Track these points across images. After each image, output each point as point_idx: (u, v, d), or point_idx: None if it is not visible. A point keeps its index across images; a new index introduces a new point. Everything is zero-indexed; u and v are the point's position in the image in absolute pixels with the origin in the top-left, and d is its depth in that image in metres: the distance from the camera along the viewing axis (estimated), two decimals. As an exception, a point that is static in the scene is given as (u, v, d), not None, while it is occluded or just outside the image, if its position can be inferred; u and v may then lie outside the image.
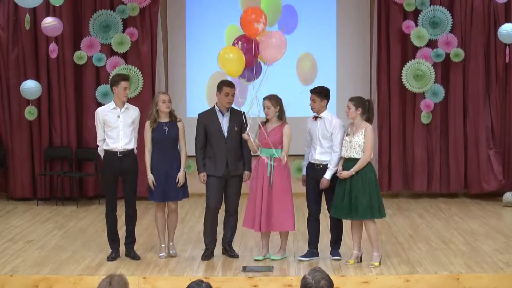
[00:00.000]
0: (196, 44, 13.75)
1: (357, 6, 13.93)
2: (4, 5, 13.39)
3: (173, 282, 8.63)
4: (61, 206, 13.28)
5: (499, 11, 13.20)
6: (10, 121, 13.68)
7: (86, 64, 13.54)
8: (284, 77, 10.70)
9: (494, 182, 13.49)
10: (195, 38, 13.83)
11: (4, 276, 9.05)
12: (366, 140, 9.05)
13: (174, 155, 9.59)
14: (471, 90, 13.52)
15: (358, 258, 9.43)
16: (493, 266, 9.33)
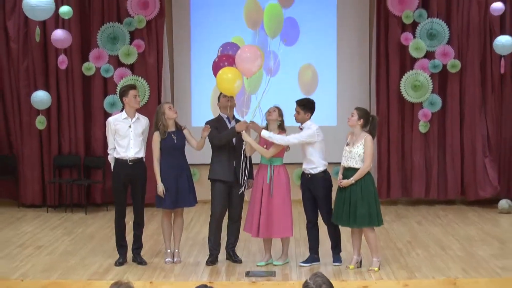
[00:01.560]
0: (200, 55, 13.74)
1: (356, 18, 13.97)
2: (15, 18, 13.46)
3: (179, 287, 8.68)
4: (70, 213, 13.32)
5: (494, 23, 13.24)
6: (20, 130, 13.73)
7: (94, 75, 13.58)
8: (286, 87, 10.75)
9: (490, 189, 13.49)
10: (199, 50, 13.87)
11: (14, 280, 9.09)
12: (365, 150, 9.10)
13: (183, 162, 9.67)
14: (467, 100, 13.54)
15: (358, 263, 9.48)
16: (489, 271, 9.36)
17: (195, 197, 9.78)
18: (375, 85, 13.78)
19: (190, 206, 9.86)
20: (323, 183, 9.51)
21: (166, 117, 9.49)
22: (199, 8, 13.95)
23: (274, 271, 9.33)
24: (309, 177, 9.50)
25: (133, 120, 9.58)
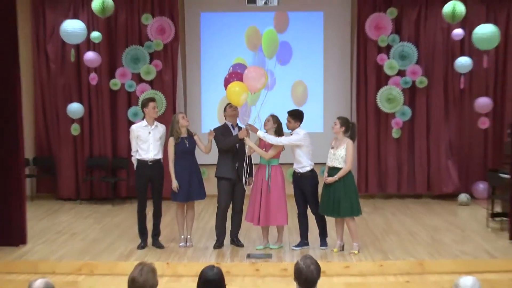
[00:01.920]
0: (208, 73, 13.71)
1: (340, 42, 13.89)
2: (53, 42, 13.43)
3: (191, 267, 8.59)
4: (99, 205, 13.26)
5: (455, 46, 13.22)
6: (58, 136, 13.69)
7: (120, 89, 13.51)
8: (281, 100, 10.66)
9: (452, 185, 13.49)
10: (208, 68, 13.80)
11: (54, 261, 9.13)
12: (347, 153, 9.17)
13: (194, 163, 9.69)
14: (433, 111, 13.52)
15: (341, 247, 9.48)
16: (451, 254, 9.40)
17: (204, 192, 9.78)
18: (355, 97, 13.71)
19: (200, 199, 9.85)
20: (311, 180, 9.54)
21: (180, 125, 9.52)
22: (207, 34, 13.87)
23: (270, 254, 9.35)
24: (299, 175, 9.52)
25: (152, 127, 9.62)
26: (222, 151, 9.61)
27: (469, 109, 13.14)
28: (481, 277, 5.89)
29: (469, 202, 13.07)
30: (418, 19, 13.47)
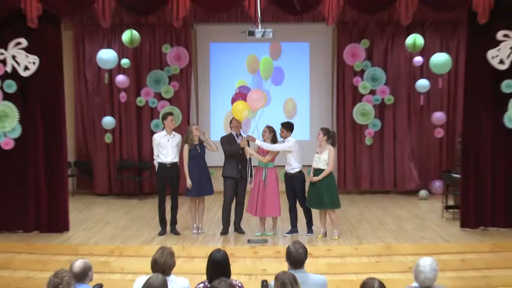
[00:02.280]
0: (216, 92, 13.72)
1: (323, 67, 13.87)
2: (91, 67, 13.43)
3: (202, 250, 8.63)
4: (128, 199, 13.24)
5: (415, 71, 13.21)
6: (94, 143, 13.69)
7: (144, 105, 13.50)
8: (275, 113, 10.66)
9: (413, 183, 13.49)
10: (215, 88, 13.80)
11: (91, 245, 9.18)
12: (329, 157, 9.22)
13: (204, 165, 9.72)
14: (398, 123, 13.51)
15: (324, 234, 9.50)
16: (413, 239, 9.44)
17: (212, 189, 9.81)
18: (335, 112, 13.69)
19: (209, 195, 9.86)
20: (299, 179, 9.57)
21: (193, 135, 9.58)
22: (215, 60, 13.86)
23: (267, 239, 9.36)
24: (290, 175, 9.56)
25: (170, 136, 9.65)
26: (227, 155, 9.61)
27: (427, 121, 13.10)
28: (437, 257, 5.90)
29: (427, 197, 13.07)
30: (386, 48, 13.48)
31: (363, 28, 13.38)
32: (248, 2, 9.12)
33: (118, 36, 12.75)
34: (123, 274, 8.33)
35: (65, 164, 10.14)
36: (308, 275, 5.34)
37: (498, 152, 9.73)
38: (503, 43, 9.38)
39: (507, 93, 9.49)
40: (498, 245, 9.05)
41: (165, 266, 5.23)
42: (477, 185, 9.77)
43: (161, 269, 5.18)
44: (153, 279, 4.73)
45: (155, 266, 5.25)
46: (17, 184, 9.78)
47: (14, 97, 9.62)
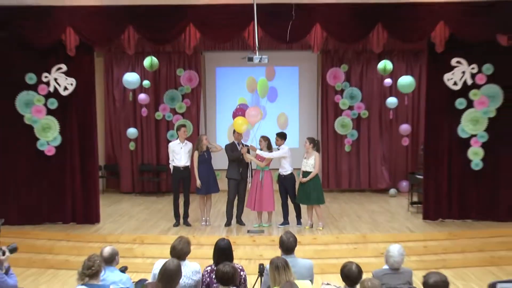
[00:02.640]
0: (221, 107, 13.60)
1: (310, 87, 13.82)
2: (118, 87, 13.37)
3: (209, 239, 8.61)
4: (148, 197, 13.17)
5: (386, 90, 13.18)
6: (120, 150, 13.62)
7: (161, 119, 13.44)
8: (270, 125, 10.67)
9: (384, 183, 13.44)
10: (221, 104, 13.71)
11: (117, 234, 9.19)
12: (315, 162, 9.22)
13: (210, 168, 9.66)
14: (371, 133, 13.45)
15: (311, 225, 9.46)
16: (384, 230, 9.42)
17: (218, 188, 9.76)
18: (320, 124, 13.64)
19: (215, 193, 9.80)
20: (291, 180, 9.55)
21: (202, 144, 9.55)
22: (220, 81, 13.81)
23: (263, 230, 9.35)
24: (283, 177, 9.53)
25: (183, 144, 9.64)
26: (230, 160, 9.59)
27: (396, 132, 13.07)
28: (404, 244, 5.90)
29: (396, 194, 13.01)
30: (361, 72, 13.44)
31: (343, 55, 13.35)
32: (247, 33, 9.19)
33: (140, 62, 12.77)
34: (144, 258, 8.35)
35: (96, 167, 10.14)
36: (297, 260, 5.35)
37: (453, 157, 9.75)
38: (456, 68, 9.46)
39: (460, 109, 9.56)
40: (453, 234, 9.10)
41: (181, 252, 5.23)
42: (436, 184, 9.80)
43: (178, 255, 5.18)
44: (169, 263, 4.73)
45: (173, 252, 5.24)
46: (57, 184, 9.80)
47: (55, 112, 9.66)
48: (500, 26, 9.04)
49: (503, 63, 9.44)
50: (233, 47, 12.69)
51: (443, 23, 9.16)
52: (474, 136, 9.55)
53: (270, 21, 8.98)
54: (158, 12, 9.20)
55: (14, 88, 9.54)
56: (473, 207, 9.78)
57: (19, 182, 9.73)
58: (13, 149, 9.69)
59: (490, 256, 8.50)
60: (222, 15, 9.19)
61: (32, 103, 9.56)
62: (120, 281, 5.18)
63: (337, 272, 4.90)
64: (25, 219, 9.71)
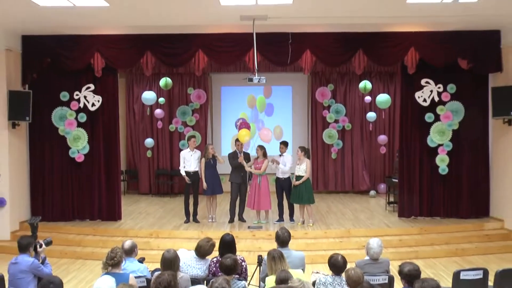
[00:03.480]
0: (226, 121, 13.50)
1: (301, 103, 13.75)
2: (137, 103, 13.36)
3: (215, 233, 8.39)
4: (163, 197, 13.12)
5: (366, 106, 13.18)
6: (139, 157, 13.58)
7: (174, 131, 13.41)
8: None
9: (365, 185, 13.37)
10: (225, 118, 13.63)
11: (136, 229, 9.15)
12: (306, 167, 9.16)
13: (216, 173, 9.57)
14: (354, 143, 13.41)
15: (302, 222, 9.40)
16: (365, 225, 9.38)
17: (222, 190, 9.68)
18: (310, 135, 13.60)
19: (220, 194, 9.72)
20: (288, 182, 9.45)
21: (208, 152, 9.47)
22: (225, 98, 13.79)
23: (261, 226, 9.27)
24: (282, 180, 9.45)
25: (193, 152, 9.58)
26: (233, 167, 9.54)
27: (375, 141, 13.08)
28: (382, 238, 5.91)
29: (375, 195, 12.98)
30: (345, 90, 13.43)
31: (329, 76, 13.36)
32: (248, 58, 9.22)
33: (156, 82, 12.83)
34: (159, 251, 8.07)
35: (119, 172, 10.11)
36: (291, 252, 5.35)
37: (423, 164, 9.75)
38: (425, 87, 9.51)
39: (429, 122, 9.58)
40: (424, 229, 9.07)
41: (205, 252, 5.27)
42: (409, 187, 9.78)
43: (201, 253, 5.21)
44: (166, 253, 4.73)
45: (199, 250, 5.25)
46: (86, 186, 9.78)
47: (84, 125, 9.67)
48: (461, 52, 9.13)
49: (464, 83, 9.49)
50: (236, 70, 12.72)
51: (414, 49, 9.21)
52: (441, 145, 9.56)
53: (267, 48, 9.01)
54: (172, 39, 9.25)
55: (51, 105, 9.58)
56: (441, 206, 9.76)
57: (54, 185, 9.73)
58: (50, 157, 9.71)
59: (455, 248, 8.48)
60: (226, 42, 9.23)
61: (65, 117, 9.57)
62: (138, 270, 5.18)
63: (325, 262, 4.92)
64: (59, 216, 9.69)
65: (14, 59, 9.21)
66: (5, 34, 8.93)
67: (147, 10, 7.51)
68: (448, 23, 8.55)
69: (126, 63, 9.77)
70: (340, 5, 7.25)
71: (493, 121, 9.48)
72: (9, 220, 9.14)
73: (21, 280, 5.08)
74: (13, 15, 7.76)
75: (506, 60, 9.12)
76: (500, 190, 9.43)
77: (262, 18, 7.83)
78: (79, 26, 8.59)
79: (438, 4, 7.06)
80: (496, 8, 7.36)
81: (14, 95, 9.07)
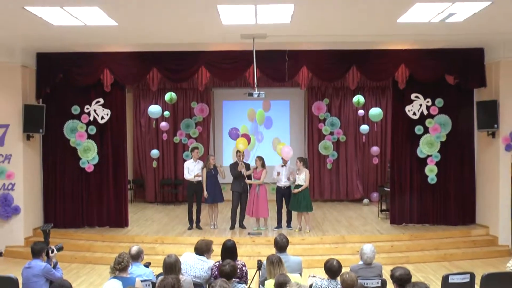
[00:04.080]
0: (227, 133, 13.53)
1: (298, 117, 13.81)
2: (144, 117, 13.36)
3: (217, 239, 8.34)
4: (167, 205, 13.10)
5: (360, 119, 13.18)
6: (146, 167, 13.55)
7: (179, 142, 13.40)
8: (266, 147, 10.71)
9: (359, 194, 13.33)
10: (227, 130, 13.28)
11: (142, 235, 9.14)
12: (305, 177, 9.16)
13: (217, 182, 9.56)
14: (348, 154, 13.40)
15: (299, 228, 9.38)
16: (359, 232, 9.35)
17: (223, 198, 9.69)
18: (307, 146, 13.59)
19: (221, 202, 9.72)
20: (289, 191, 9.43)
21: (209, 162, 9.51)
22: (227, 112, 13.80)
23: (261, 232, 9.27)
24: (284, 188, 9.44)
25: (196, 163, 9.60)
26: (234, 177, 9.55)
27: (368, 153, 13.08)
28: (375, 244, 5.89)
29: (368, 203, 12.96)
30: (340, 104, 13.46)
31: (325, 91, 13.40)
32: (248, 74, 9.27)
33: (162, 96, 12.86)
34: (164, 256, 8.04)
35: (126, 181, 10.10)
36: (289, 257, 5.35)
37: (413, 174, 9.77)
38: (415, 102, 9.57)
39: (418, 134, 9.62)
40: (414, 235, 9.08)
41: (202, 249, 5.29)
42: (401, 195, 9.79)
43: (201, 251, 5.23)
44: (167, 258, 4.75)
45: (197, 249, 5.28)
46: (95, 195, 9.79)
47: (94, 137, 9.70)
48: (447, 68, 9.22)
49: (451, 98, 9.56)
50: (237, 85, 12.75)
51: (404, 65, 9.29)
52: (430, 156, 9.59)
53: (266, 64, 9.07)
54: (176, 56, 9.31)
55: (63, 118, 9.63)
56: (430, 213, 9.76)
57: (65, 193, 9.73)
58: (61, 167, 9.73)
59: (443, 253, 8.49)
60: (227, 59, 9.30)
61: (76, 130, 9.62)
62: (144, 274, 5.18)
63: (321, 267, 4.90)
64: (69, 223, 9.69)
65: (29, 75, 9.29)
66: (22, 52, 9.02)
67: (153, 29, 7.58)
68: (436, 41, 8.63)
69: (133, 79, 9.82)
70: (335, 25, 7.33)
71: (478, 133, 9.53)
72: (23, 227, 9.15)
73: (34, 284, 5.09)
74: (29, 34, 7.85)
75: (489, 76, 9.20)
76: (485, 199, 9.45)
77: (262, 37, 7.90)
78: (90, 43, 8.66)
79: (426, 23, 7.13)
80: (479, 27, 7.44)
81: (29, 108, 9.14)
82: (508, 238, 8.91)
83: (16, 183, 9.10)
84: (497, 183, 9.02)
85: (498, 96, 8.98)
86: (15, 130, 9.11)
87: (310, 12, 6.57)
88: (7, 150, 9.08)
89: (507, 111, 8.93)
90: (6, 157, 9.07)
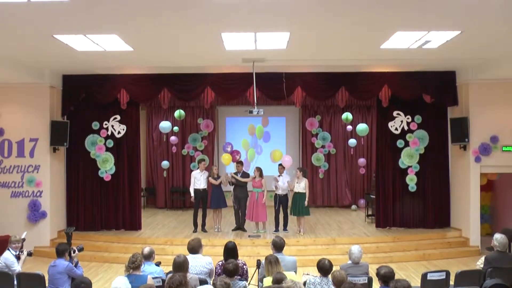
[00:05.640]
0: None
1: (293, 132, 13.81)
2: (156, 132, 13.38)
3: (220, 241, 8.50)
4: (176, 211, 13.04)
5: (348, 134, 13.14)
6: (157, 177, 13.53)
7: (186, 154, 13.39)
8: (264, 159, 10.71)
9: (347, 200, 13.31)
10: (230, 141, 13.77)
11: (154, 238, 9.06)
12: (305, 185, 9.14)
13: (220, 189, 9.55)
14: (338, 165, 13.39)
15: (298, 231, 9.33)
16: (348, 234, 9.30)
17: (226, 204, 9.67)
18: (301, 158, 13.57)
19: (224, 207, 9.68)
20: (285, 198, 9.42)
21: (213, 172, 9.55)
22: (229, 128, 13.82)
23: (260, 235, 9.22)
24: (282, 196, 9.39)
25: (202, 173, 9.58)
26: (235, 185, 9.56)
27: (355, 164, 13.06)
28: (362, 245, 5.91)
29: (356, 209, 12.91)
30: (330, 120, 13.46)
31: (317, 109, 13.42)
32: (248, 93, 9.33)
33: (172, 113, 12.87)
34: (173, 256, 7.96)
35: (140, 189, 10.10)
36: (285, 257, 5.34)
37: (396, 182, 9.77)
38: (397, 118, 9.64)
39: (400, 147, 9.66)
40: (397, 237, 9.06)
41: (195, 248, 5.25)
42: (385, 202, 9.78)
43: (195, 250, 5.20)
44: (177, 257, 4.70)
45: (191, 249, 5.26)
46: (112, 201, 9.77)
47: (111, 149, 9.72)
48: (424, 88, 9.30)
49: (428, 115, 9.64)
50: (238, 103, 12.76)
51: (387, 86, 9.37)
52: (410, 167, 9.62)
53: (265, 85, 9.14)
54: (184, 78, 9.38)
55: (84, 132, 9.69)
56: (410, 218, 9.75)
57: (86, 200, 9.73)
58: (82, 176, 9.74)
59: (422, 253, 8.47)
60: (230, 80, 9.36)
61: (96, 143, 9.65)
62: (155, 272, 5.17)
63: (314, 266, 4.90)
64: (89, 226, 9.68)
65: (56, 94, 9.38)
66: (50, 74, 9.12)
67: (164, 54, 7.67)
68: (414, 65, 8.73)
69: (146, 97, 9.88)
70: (326, 50, 7.41)
71: (451, 147, 9.59)
72: (49, 230, 9.17)
73: (58, 280, 5.11)
74: (56, 59, 7.94)
75: (460, 95, 9.30)
76: (458, 204, 9.47)
77: (261, 61, 7.99)
78: (109, 67, 8.75)
79: (406, 49, 7.23)
80: (451, 53, 7.55)
81: (55, 124, 9.20)
82: (478, 239, 8.95)
83: (43, 190, 9.14)
84: (468, 190, 9.07)
85: (468, 113, 9.07)
86: (43, 143, 9.18)
87: (303, 39, 6.67)
88: (36, 161, 9.16)
89: (476, 127, 9.01)
90: (35, 167, 9.15)
